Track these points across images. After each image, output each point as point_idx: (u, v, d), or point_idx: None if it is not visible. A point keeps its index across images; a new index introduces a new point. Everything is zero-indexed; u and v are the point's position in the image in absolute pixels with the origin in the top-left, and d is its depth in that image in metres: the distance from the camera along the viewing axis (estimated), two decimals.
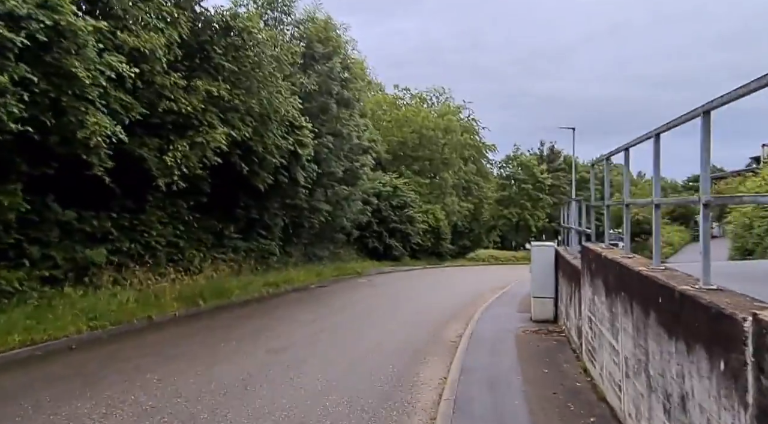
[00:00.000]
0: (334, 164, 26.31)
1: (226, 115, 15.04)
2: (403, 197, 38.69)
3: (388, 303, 16.92)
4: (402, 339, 10.75)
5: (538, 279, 12.35)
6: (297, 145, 20.16)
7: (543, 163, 61.10)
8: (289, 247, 25.45)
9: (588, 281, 7.31)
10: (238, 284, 17.45)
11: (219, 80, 14.51)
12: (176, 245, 16.24)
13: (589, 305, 7.20)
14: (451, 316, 14.12)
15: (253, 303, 16.50)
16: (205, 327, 12.20)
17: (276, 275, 21.03)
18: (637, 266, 4.83)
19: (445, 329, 11.99)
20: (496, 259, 45.61)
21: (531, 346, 9.53)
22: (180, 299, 14.29)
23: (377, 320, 13.37)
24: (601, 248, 6.79)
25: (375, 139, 31.93)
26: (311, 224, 26.37)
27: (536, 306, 12.35)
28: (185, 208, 16.40)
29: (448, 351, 9.59)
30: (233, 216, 20.07)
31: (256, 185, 18.67)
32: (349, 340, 10.70)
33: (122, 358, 9.01)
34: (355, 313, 14.73)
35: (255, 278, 19.08)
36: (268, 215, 22.39)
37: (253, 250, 21.64)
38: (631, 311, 4.84)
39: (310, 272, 24.49)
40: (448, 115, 49.89)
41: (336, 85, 24.84)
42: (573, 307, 9.24)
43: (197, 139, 13.92)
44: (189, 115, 13.87)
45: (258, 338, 10.84)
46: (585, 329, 7.62)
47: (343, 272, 26.87)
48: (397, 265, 35.48)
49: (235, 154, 16.60)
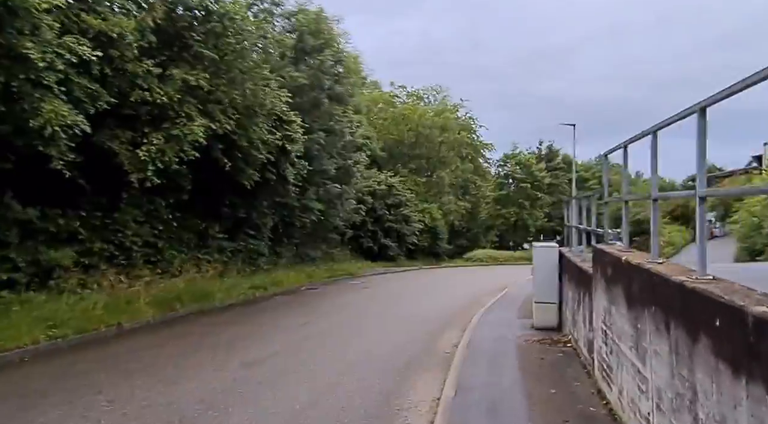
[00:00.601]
0: (326, 161, 25.34)
1: (206, 106, 14.05)
2: (398, 196, 37.71)
3: (380, 307, 15.96)
4: (392, 350, 9.78)
5: (541, 283, 11.40)
6: (286, 140, 19.17)
7: (541, 162, 60.20)
8: (279, 247, 24.46)
9: (602, 289, 6.35)
10: (221, 287, 16.46)
11: (198, 69, 13.50)
12: (154, 245, 15.23)
13: (604, 316, 6.24)
14: (447, 322, 13.16)
15: (236, 307, 15.51)
16: (178, 335, 11.22)
17: (264, 277, 20.06)
18: (675, 274, 3.87)
19: (439, 338, 11.03)
20: (494, 259, 44.68)
21: (535, 358, 8.57)
22: (155, 303, 13.29)
23: (367, 327, 12.40)
24: (619, 251, 5.84)
25: (369, 136, 30.92)
26: (302, 223, 25.38)
27: (538, 312, 11.40)
28: (164, 206, 15.39)
29: (442, 364, 8.63)
30: (218, 215, 19.08)
31: (242, 182, 17.68)
32: (333, 351, 9.72)
33: (76, 373, 8.02)
34: (343, 318, 13.76)
35: (241, 280, 18.09)
36: (257, 213, 21.39)
37: (241, 250, 20.66)
38: (666, 331, 3.89)
39: (301, 274, 23.53)
40: (444, 113, 48.92)
41: (328, 80, 23.86)
42: (581, 315, 8.29)
43: (174, 132, 12.92)
44: (164, 106, 12.89)
45: (234, 348, 9.86)
46: (598, 344, 6.66)
47: (335, 273, 25.90)
48: (392, 265, 34.50)
49: (217, 149, 15.60)
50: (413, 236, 38.29)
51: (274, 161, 19.03)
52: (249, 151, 16.64)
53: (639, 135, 5.28)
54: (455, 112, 50.63)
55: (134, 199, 14.27)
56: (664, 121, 4.58)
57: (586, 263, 8.80)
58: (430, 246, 41.85)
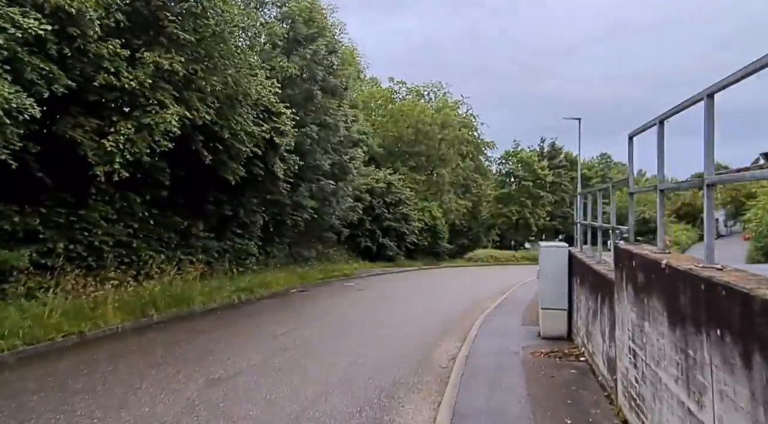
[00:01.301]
0: (320, 157, 24.16)
1: (182, 93, 12.90)
2: (397, 194, 36.55)
3: (374, 311, 14.79)
4: (381, 364, 8.62)
5: (549, 287, 10.23)
6: (274, 133, 18.00)
7: (543, 159, 58.98)
8: (270, 247, 23.32)
9: (629, 299, 5.19)
10: (203, 290, 15.30)
11: (172, 53, 12.33)
12: (128, 245, 14.07)
13: (632, 332, 5.07)
14: (445, 329, 12.00)
15: (217, 312, 14.36)
16: (145, 345, 10.06)
17: (252, 279, 18.90)
18: (752, 286, 2.71)
19: (435, 349, 9.86)
20: (495, 259, 43.51)
21: (544, 377, 7.40)
22: (125, 308, 12.15)
23: (356, 335, 11.24)
24: (654, 253, 4.67)
25: (366, 131, 29.73)
26: (295, 221, 24.24)
27: (546, 320, 10.23)
28: (139, 202, 14.23)
29: (436, 383, 7.48)
30: (202, 212, 17.93)
31: (226, 177, 16.53)
32: (314, 365, 8.56)
33: (6, 395, 6.87)
34: (332, 324, 12.60)
35: (226, 282, 16.92)
36: (245, 211, 20.26)
37: (228, 250, 19.52)
38: (747, 368, 2.71)
39: (293, 275, 22.36)
40: (445, 110, 47.70)
41: (321, 71, 22.66)
42: (598, 327, 7.12)
43: (145, 121, 11.76)
44: (134, 93, 11.73)
45: (203, 361, 8.71)
46: (623, 364, 5.50)
47: (329, 274, 24.73)
48: (390, 265, 33.34)
49: (197, 141, 14.46)
50: (413, 236, 37.12)
51: (261, 155, 17.90)
52: (232, 144, 15.48)
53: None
54: (456, 109, 49.42)
55: (104, 195, 13.12)
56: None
57: (602, 266, 7.65)
58: (430, 246, 40.67)
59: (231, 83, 14.15)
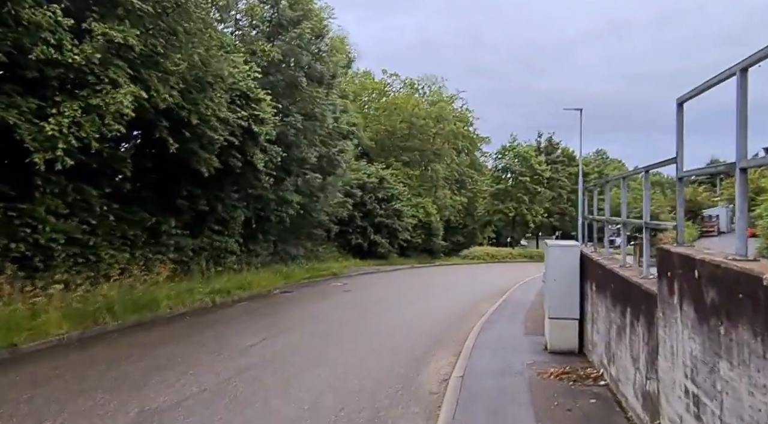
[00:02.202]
0: (306, 149, 22.66)
1: (140, 72, 11.38)
2: (390, 189, 35.10)
3: (358, 317, 13.34)
4: (360, 388, 7.17)
5: (557, 293, 8.81)
6: (252, 121, 16.49)
7: (541, 154, 57.66)
8: (253, 244, 21.82)
9: (689, 323, 3.75)
10: (172, 292, 13.83)
11: (127, 24, 10.80)
12: (84, 243, 12.55)
13: (695, 370, 3.64)
14: (437, 339, 10.57)
15: (185, 318, 12.90)
16: (82, 362, 8.54)
17: (231, 279, 17.46)
18: None
19: (425, 366, 8.43)
20: (492, 256, 42.23)
21: (559, 409, 5.97)
22: (75, 316, 10.68)
23: (336, 347, 9.80)
24: (733, 260, 3.22)
25: (356, 123, 28.22)
26: (280, 217, 22.72)
27: (554, 331, 8.81)
28: (96, 195, 12.71)
29: (424, 416, 6.04)
30: (174, 207, 16.39)
31: (199, 169, 15.03)
32: (278, 391, 7.09)
33: None
34: (310, 333, 11.13)
35: (199, 283, 15.42)
36: (224, 206, 18.72)
37: (205, 248, 18.04)
38: None
39: (277, 274, 20.93)
40: (440, 103, 46.20)
41: (306, 56, 21.13)
42: (626, 348, 5.70)
43: (93, 102, 10.24)
44: (82, 69, 10.20)
45: (146, 384, 7.24)
46: (675, 410, 4.06)
47: (316, 274, 23.29)
48: (383, 263, 31.92)
49: (161, 127, 12.95)
50: (406, 232, 35.69)
51: (239, 145, 16.39)
52: (204, 132, 13.96)
53: None
54: (451, 104, 47.93)
55: (54, 187, 11.58)
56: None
57: (630, 271, 6.22)
58: (425, 243, 39.24)
59: (199, 63, 12.64)
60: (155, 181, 15.55)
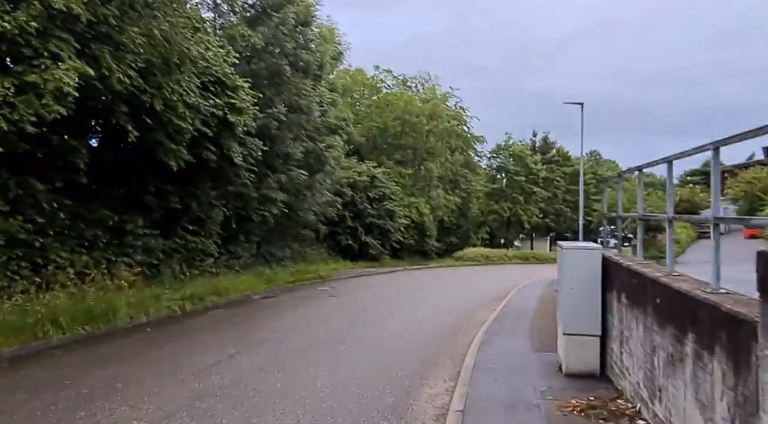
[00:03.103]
0: (291, 144, 21.20)
1: (89, 47, 9.87)
2: (382, 188, 33.65)
3: (342, 329, 11.86)
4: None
5: (574, 304, 7.39)
6: (228, 110, 15.02)
7: (536, 154, 56.42)
8: (234, 246, 20.29)
9: None
10: (132, 300, 12.29)
11: None
12: (30, 244, 11.04)
13: None
14: (430, 358, 9.10)
15: (146, 329, 11.38)
16: (8, 387, 7.05)
17: (205, 284, 15.93)
18: None
19: (416, 396, 6.95)
20: (487, 258, 40.78)
21: None
22: (10, 329, 9.16)
23: (312, 368, 8.32)
24: None
25: (346, 117, 26.75)
26: (263, 217, 21.20)
27: (570, 349, 7.39)
28: (44, 190, 11.20)
29: None
30: (141, 205, 14.87)
31: (167, 162, 13.54)
32: None
33: None
34: (283, 350, 9.61)
35: (164, 289, 13.86)
36: (199, 204, 17.20)
37: (178, 250, 16.49)
38: None
39: (259, 278, 19.41)
40: (433, 100, 44.79)
41: (289, 42, 19.66)
42: (688, 387, 4.28)
43: (29, 78, 8.73)
44: (15, 41, 8.70)
45: (69, 423, 5.75)
46: None
47: (302, 277, 21.77)
48: (374, 265, 30.45)
49: (118, 112, 11.45)
50: (398, 233, 34.26)
51: (213, 137, 14.92)
52: (170, 119, 12.47)
53: None
54: (444, 102, 46.49)
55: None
56: None
57: (683, 282, 4.81)
58: (418, 244, 37.81)
59: (161, 40, 11.14)
60: (118, 176, 14.03)
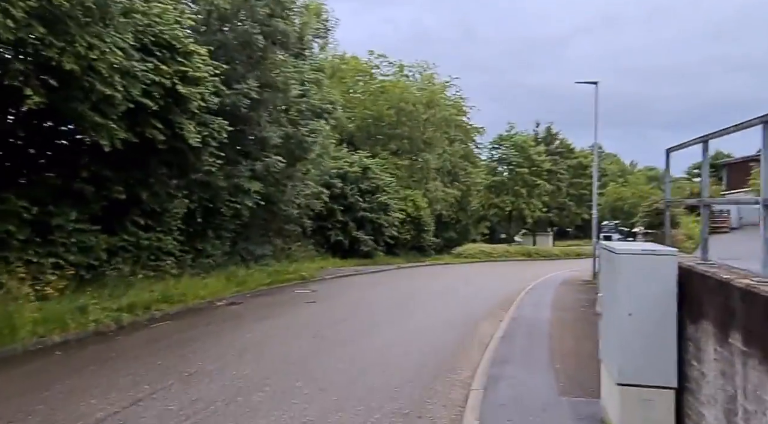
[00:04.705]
0: (267, 126, 18.59)
1: None
2: (375, 180, 31.02)
3: (306, 352, 9.26)
4: None
5: (633, 339, 4.82)
6: (179, 80, 12.40)
7: (539, 144, 53.83)
8: (201, 243, 17.70)
9: None
10: (45, 315, 9.72)
11: None
12: None
13: None
14: (417, 408, 6.54)
15: (53, 354, 8.81)
16: None
17: (157, 289, 13.37)
18: None
19: None
20: (487, 254, 38.25)
21: None
22: None
23: (253, 416, 5.76)
24: None
25: (333, 100, 24.12)
26: (236, 210, 18.62)
27: (628, 406, 4.82)
28: None
29: None
30: (75, 194, 12.28)
31: (97, 141, 10.94)
32: None
33: None
34: (218, 389, 7.03)
35: (94, 299, 11.22)
36: (151, 194, 14.55)
37: (126, 249, 13.90)
38: None
39: (229, 280, 16.82)
40: (431, 88, 42.06)
41: (263, 8, 17.01)
42: None
43: None
44: None
45: None
46: None
47: (280, 278, 19.18)
48: (366, 263, 27.86)
49: (15, 72, 8.81)
50: (393, 228, 31.64)
51: (159, 112, 12.30)
52: (91, 84, 9.83)
53: None
54: (443, 91, 43.73)
55: None
56: None
57: None
58: (414, 239, 35.18)
59: None
60: (36, 158, 11.44)
